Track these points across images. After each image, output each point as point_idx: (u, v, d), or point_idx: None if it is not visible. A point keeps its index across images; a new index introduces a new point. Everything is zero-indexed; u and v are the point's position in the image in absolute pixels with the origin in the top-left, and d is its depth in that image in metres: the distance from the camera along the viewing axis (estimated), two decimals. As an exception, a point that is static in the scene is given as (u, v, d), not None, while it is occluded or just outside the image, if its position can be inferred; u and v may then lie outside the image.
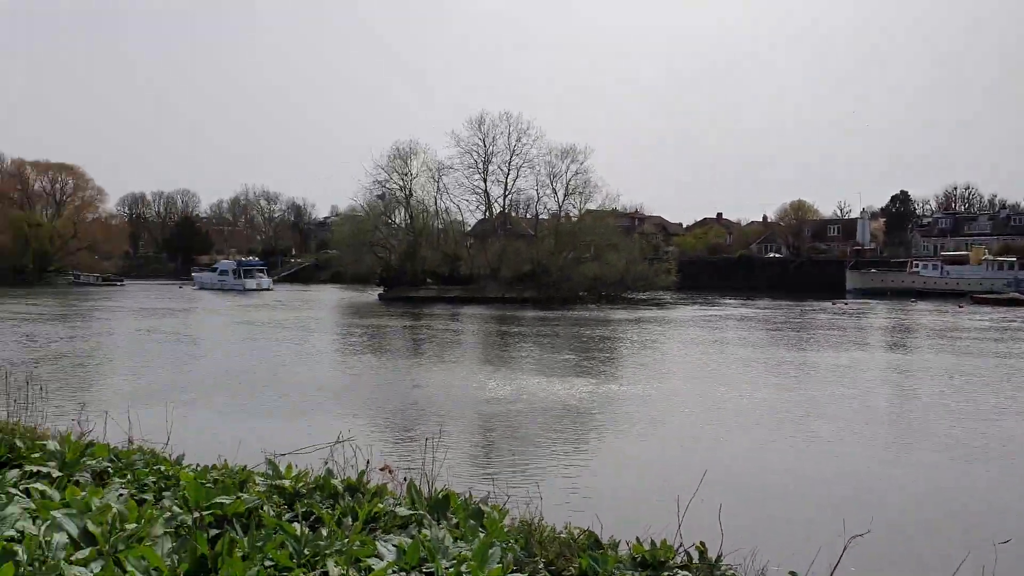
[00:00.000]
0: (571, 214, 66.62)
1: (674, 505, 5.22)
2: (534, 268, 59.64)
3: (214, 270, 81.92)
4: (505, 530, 4.99)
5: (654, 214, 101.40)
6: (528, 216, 72.29)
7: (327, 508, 5.04)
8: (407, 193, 68.31)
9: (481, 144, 66.66)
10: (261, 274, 79.54)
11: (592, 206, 65.53)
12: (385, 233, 68.25)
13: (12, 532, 4.05)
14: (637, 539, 4.75)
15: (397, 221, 70.54)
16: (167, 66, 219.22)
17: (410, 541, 4.36)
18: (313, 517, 4.72)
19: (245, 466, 5.99)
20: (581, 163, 64.27)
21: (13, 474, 5.24)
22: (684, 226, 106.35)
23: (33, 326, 33.69)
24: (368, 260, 67.07)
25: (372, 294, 63.55)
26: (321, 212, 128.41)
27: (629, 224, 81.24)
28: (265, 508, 4.89)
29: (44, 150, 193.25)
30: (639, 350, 26.49)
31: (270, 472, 5.73)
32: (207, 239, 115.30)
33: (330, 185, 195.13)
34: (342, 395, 17.14)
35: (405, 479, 5.56)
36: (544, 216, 68.44)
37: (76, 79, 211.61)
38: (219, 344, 27.97)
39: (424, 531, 4.69)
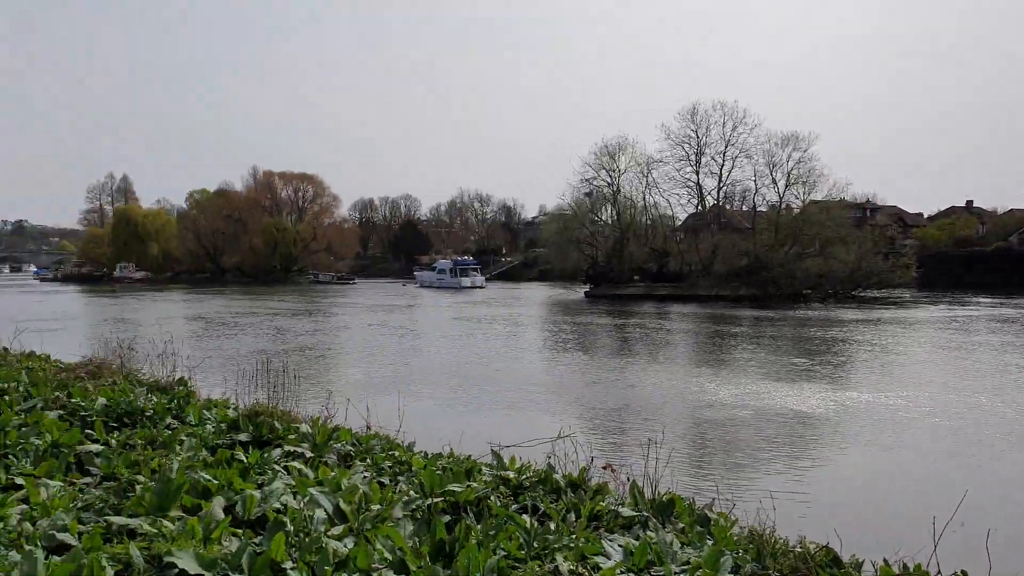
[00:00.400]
0: (793, 205, 62.38)
1: (927, 527, 4.63)
2: (751, 263, 56.50)
3: (433, 269, 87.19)
4: (734, 539, 4.72)
5: (889, 203, 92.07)
6: (744, 209, 68.90)
7: (551, 503, 5.10)
8: (615, 189, 68.08)
9: (693, 135, 64.44)
10: (475, 273, 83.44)
11: (817, 196, 60.45)
12: (592, 230, 68.48)
13: (278, 505, 4.50)
14: (884, 560, 4.27)
15: (604, 218, 70.55)
16: (390, 81, 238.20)
17: (637, 542, 4.28)
18: (540, 511, 4.79)
19: (469, 455, 6.24)
20: (804, 150, 59.77)
21: (276, 453, 5.86)
22: (925, 216, 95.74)
23: (283, 321, 37.94)
24: (575, 257, 67.81)
25: (578, 291, 64.07)
26: (530, 212, 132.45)
27: (860, 215, 74.13)
28: (492, 498, 5.05)
29: (288, 161, 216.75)
30: (878, 354, 24.07)
31: (494, 463, 5.92)
32: (427, 240, 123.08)
33: (540, 184, 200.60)
34: (556, 391, 17.33)
35: (628, 479, 5.46)
36: (762, 208, 64.42)
37: (309, 96, 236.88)
38: (440, 339, 29.63)
39: (649, 533, 4.58)
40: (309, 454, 6.06)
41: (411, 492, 4.94)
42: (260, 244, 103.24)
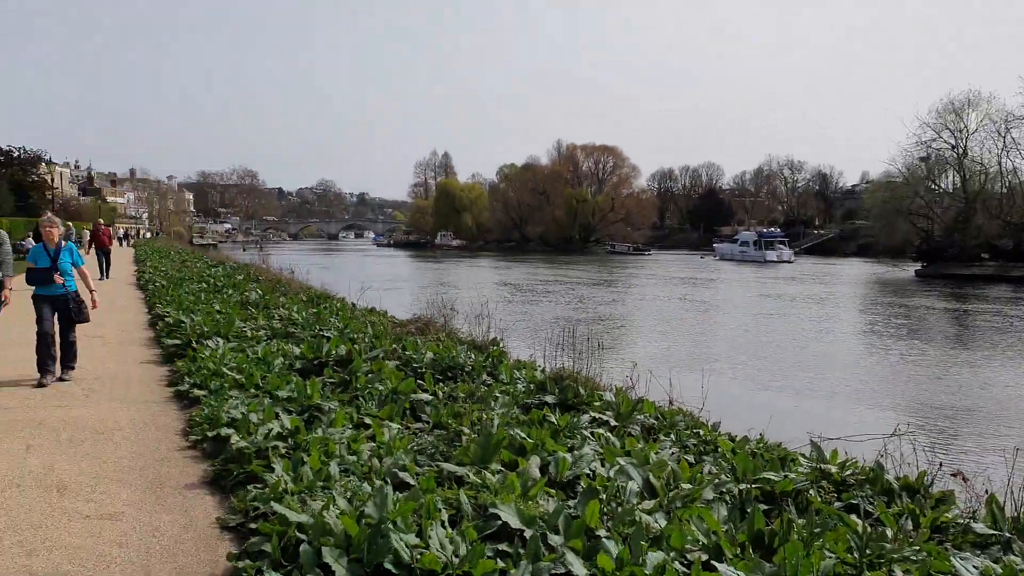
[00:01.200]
0: None
1: None
2: None
3: (735, 241, 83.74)
4: None
5: None
6: None
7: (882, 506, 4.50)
8: (959, 152, 58.72)
9: (1078, 83, 52.95)
10: (782, 246, 78.28)
11: None
12: (927, 200, 59.90)
13: (588, 471, 4.57)
14: None
15: (943, 186, 61.57)
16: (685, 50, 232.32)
17: (998, 567, 3.59)
18: (874, 516, 4.24)
19: (780, 443, 5.78)
20: None
21: (584, 419, 5.98)
22: None
23: (583, 290, 39.17)
24: (904, 230, 60.00)
25: (907, 270, 56.63)
26: (849, 179, 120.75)
27: None
28: (813, 492, 4.61)
29: (590, 134, 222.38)
30: None
31: (813, 454, 5.41)
32: (729, 210, 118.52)
33: (862, 150, 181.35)
34: (884, 383, 15.36)
35: (986, 492, 4.62)
36: None
37: (609, 71, 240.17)
38: (745, 316, 28.25)
39: (1013, 558, 3.83)
40: (613, 423, 6.10)
41: (722, 475, 4.69)
42: (562, 215, 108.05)
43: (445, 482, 4.26)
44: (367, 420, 5.67)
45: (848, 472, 4.98)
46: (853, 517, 3.95)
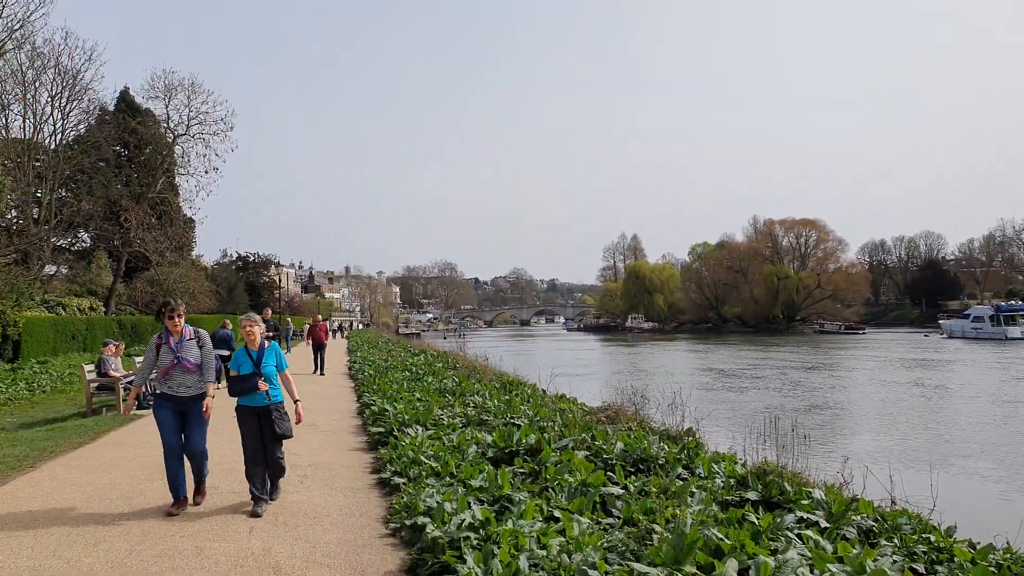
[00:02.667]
0: None
1: None
2: None
3: (966, 316, 75.38)
4: None
5: None
6: None
7: None
8: None
9: None
10: (1027, 320, 69.07)
11: None
12: None
13: (793, 578, 4.15)
14: None
15: None
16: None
17: None
18: None
19: (1037, 552, 4.93)
20: None
21: (789, 519, 5.49)
22: None
23: (796, 374, 36.59)
24: None
25: None
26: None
27: None
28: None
29: (789, 209, 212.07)
30: None
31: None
32: (955, 283, 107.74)
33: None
34: None
35: None
36: None
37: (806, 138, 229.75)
38: (985, 402, 24.73)
39: None
40: (824, 524, 5.56)
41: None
42: (762, 293, 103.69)
43: (635, 584, 4.06)
44: (556, 513, 5.60)
45: None
46: None
